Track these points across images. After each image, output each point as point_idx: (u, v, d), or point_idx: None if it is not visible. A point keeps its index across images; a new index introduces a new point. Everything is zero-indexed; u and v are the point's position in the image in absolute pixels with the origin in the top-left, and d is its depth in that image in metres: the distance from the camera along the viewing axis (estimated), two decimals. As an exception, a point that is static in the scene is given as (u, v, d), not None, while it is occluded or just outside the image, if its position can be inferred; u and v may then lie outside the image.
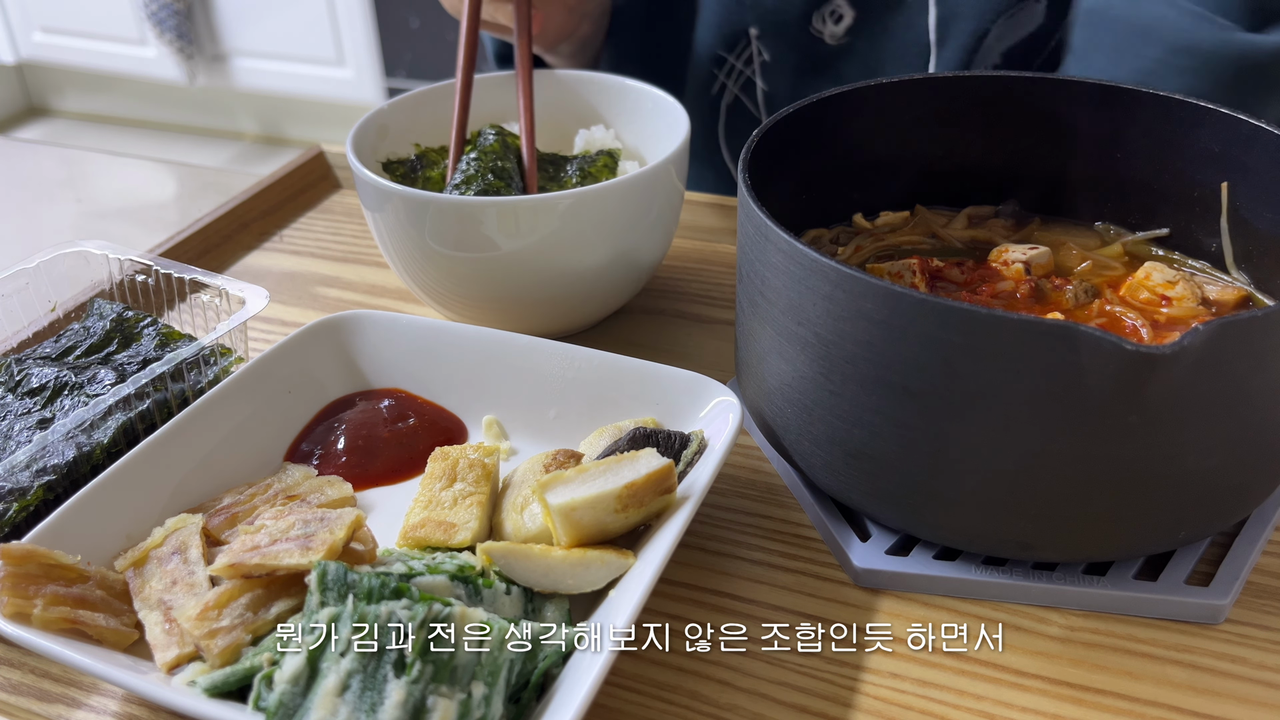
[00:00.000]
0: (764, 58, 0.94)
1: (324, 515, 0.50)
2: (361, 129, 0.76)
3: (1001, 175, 0.69)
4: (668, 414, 0.60)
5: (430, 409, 0.65)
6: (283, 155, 3.10)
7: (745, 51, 0.94)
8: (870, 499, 0.54)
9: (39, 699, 0.51)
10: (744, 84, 0.97)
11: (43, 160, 1.37)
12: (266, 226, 0.94)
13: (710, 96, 1.01)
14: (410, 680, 0.42)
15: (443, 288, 0.72)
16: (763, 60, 0.94)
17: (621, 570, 0.50)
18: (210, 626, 0.46)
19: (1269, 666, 0.49)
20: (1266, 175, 0.58)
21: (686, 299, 0.81)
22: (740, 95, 0.98)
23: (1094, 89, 0.64)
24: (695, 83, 1.01)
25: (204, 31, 3.18)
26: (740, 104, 0.99)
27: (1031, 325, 0.44)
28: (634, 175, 0.68)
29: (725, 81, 0.98)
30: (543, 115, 0.84)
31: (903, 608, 0.53)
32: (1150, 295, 0.61)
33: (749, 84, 0.97)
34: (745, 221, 0.56)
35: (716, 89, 0.99)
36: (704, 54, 0.99)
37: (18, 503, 0.56)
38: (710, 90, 1.01)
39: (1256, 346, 0.45)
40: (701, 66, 1.00)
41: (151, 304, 0.73)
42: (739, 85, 0.97)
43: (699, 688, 0.50)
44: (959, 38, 0.91)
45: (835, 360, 0.50)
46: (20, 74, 3.65)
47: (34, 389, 0.63)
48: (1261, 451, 0.50)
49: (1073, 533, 0.50)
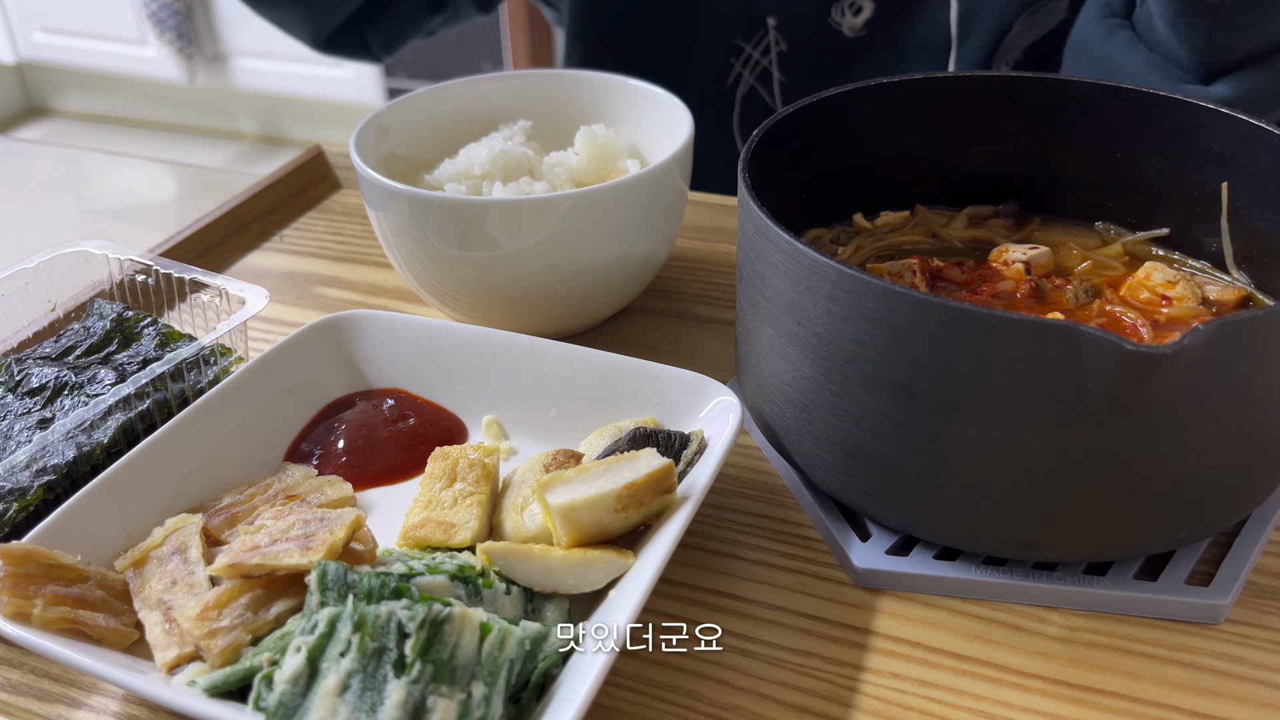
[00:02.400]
0: (781, 48, 0.94)
1: (324, 515, 0.50)
2: (363, 129, 0.76)
3: (1001, 175, 0.69)
4: (668, 414, 0.60)
5: (430, 409, 0.65)
6: (283, 155, 3.09)
7: (763, 41, 0.94)
8: (870, 499, 0.54)
9: (39, 699, 0.51)
10: (760, 74, 0.97)
11: (43, 160, 1.37)
12: (266, 226, 0.94)
13: (725, 86, 1.00)
14: (410, 680, 0.42)
15: (445, 287, 0.72)
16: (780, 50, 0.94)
17: (621, 570, 0.50)
18: (210, 626, 0.46)
19: (1269, 666, 0.49)
20: (1267, 175, 0.58)
21: (687, 299, 0.81)
22: (756, 85, 0.98)
23: (1095, 89, 0.64)
24: (710, 72, 1.01)
25: (204, 31, 3.18)
26: (756, 94, 0.99)
27: (1031, 325, 0.44)
28: (637, 175, 0.68)
29: (741, 71, 0.97)
30: (543, 115, 0.84)
31: (903, 608, 0.53)
32: (1150, 295, 0.61)
33: (765, 74, 0.97)
34: (745, 221, 0.56)
35: (732, 79, 0.99)
36: (720, 43, 0.99)
37: (18, 503, 0.56)
38: (725, 80, 1.00)
39: (1256, 346, 0.45)
40: (717, 56, 0.99)
41: (151, 304, 0.73)
42: (755, 75, 0.97)
43: (699, 688, 0.50)
44: (981, 33, 0.91)
45: (835, 360, 0.50)
46: (20, 74, 3.65)
47: (34, 389, 0.63)
48: (1261, 451, 0.50)
49: (1073, 533, 0.50)
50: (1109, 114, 0.64)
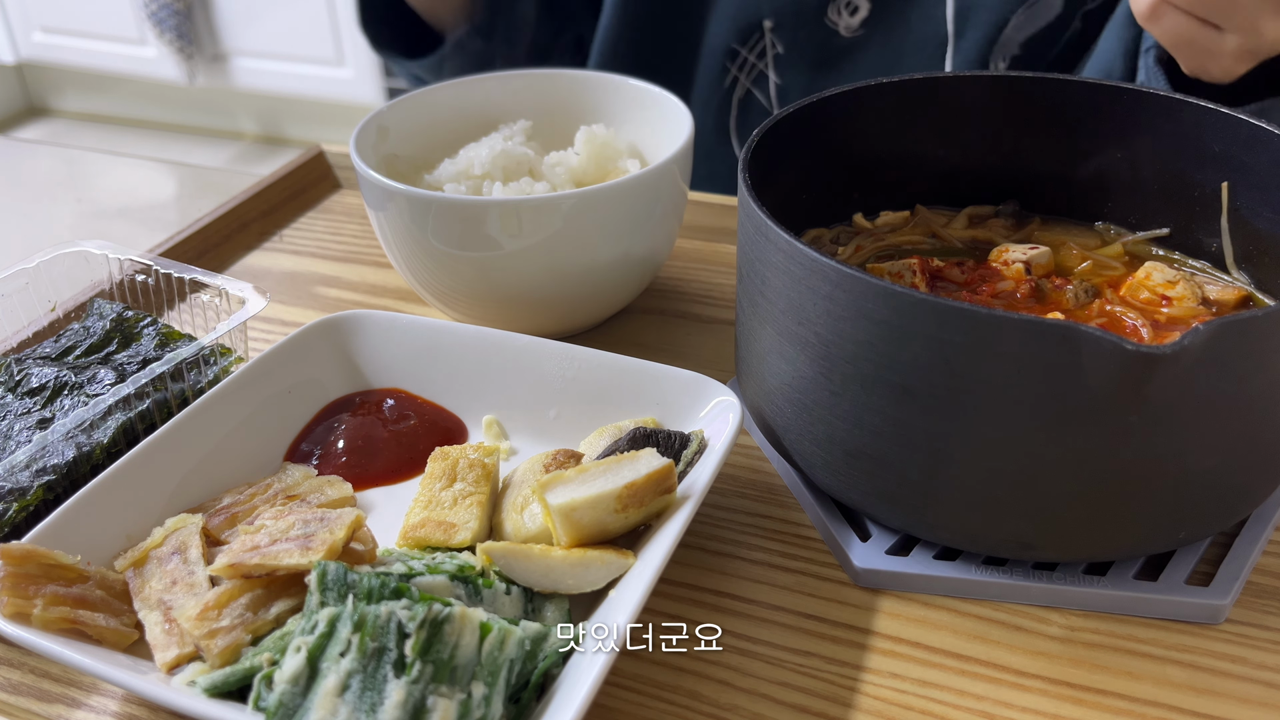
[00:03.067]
0: (777, 50, 0.94)
1: (324, 515, 0.50)
2: (363, 129, 0.76)
3: (1001, 175, 0.69)
4: (668, 414, 0.60)
5: (430, 409, 0.65)
6: (283, 155, 3.10)
7: (759, 44, 0.94)
8: (870, 499, 0.54)
9: (39, 699, 0.51)
10: (756, 77, 0.97)
11: (43, 160, 1.37)
12: (266, 226, 0.94)
13: (722, 90, 1.01)
14: (410, 680, 0.42)
15: (445, 287, 0.72)
16: (776, 53, 0.94)
17: (621, 570, 0.50)
18: (210, 626, 0.46)
19: (1269, 666, 0.49)
20: (1266, 175, 0.58)
21: (686, 299, 0.81)
22: (752, 88, 0.98)
23: (1095, 89, 0.64)
24: (707, 75, 1.01)
25: (204, 31, 3.18)
26: (752, 97, 0.99)
27: (1032, 325, 0.44)
28: (637, 175, 0.68)
29: (737, 75, 0.97)
30: (543, 115, 0.84)
31: (903, 608, 0.53)
32: (1150, 295, 0.61)
33: (761, 77, 0.97)
34: (745, 221, 0.56)
35: (728, 82, 0.99)
36: (717, 46, 0.99)
37: (18, 503, 0.56)
38: (722, 83, 1.00)
39: (1256, 346, 0.45)
40: (714, 59, 1.00)
41: (151, 304, 0.73)
42: (751, 78, 0.97)
43: (699, 688, 0.50)
44: (978, 29, 0.91)
45: (835, 360, 0.50)
46: (20, 74, 3.65)
47: (34, 389, 0.63)
48: (1261, 451, 0.50)
49: (1073, 533, 0.50)
50: (1109, 114, 0.64)
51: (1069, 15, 0.91)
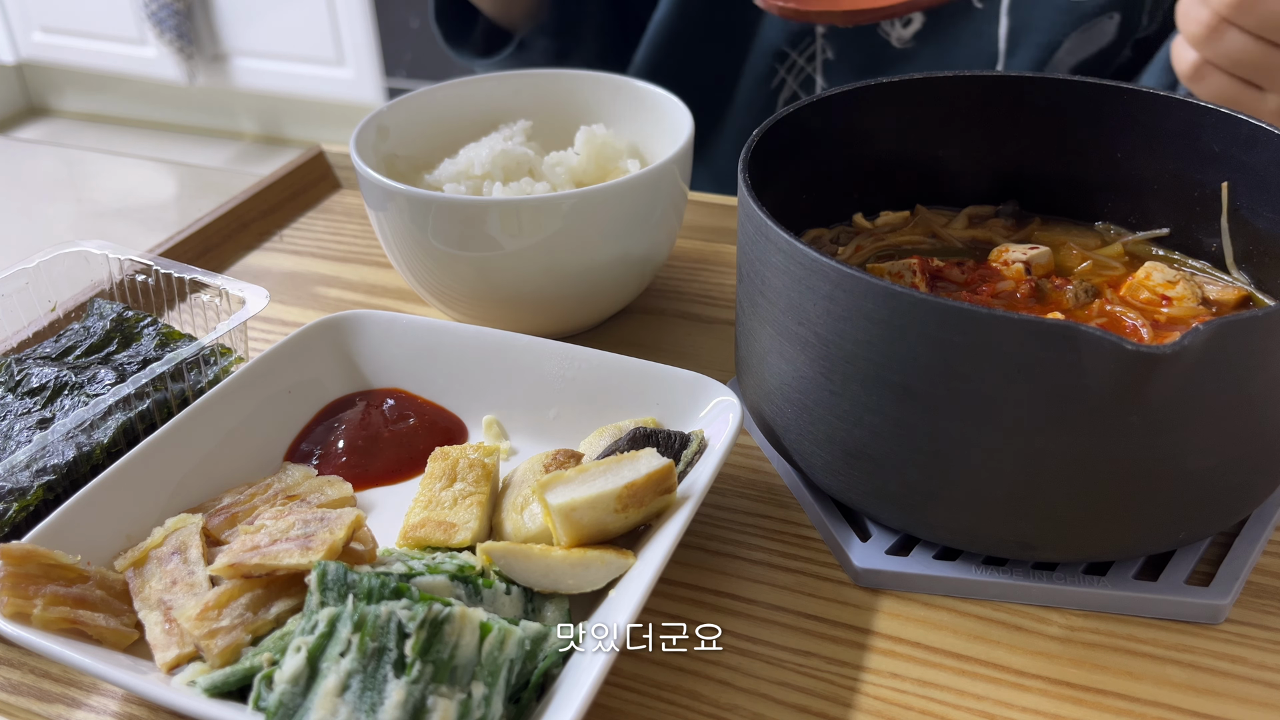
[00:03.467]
0: (827, 55, 0.94)
1: (324, 515, 0.50)
2: (363, 129, 0.76)
3: (1001, 175, 0.69)
4: (668, 414, 0.60)
5: (430, 409, 0.65)
6: (283, 155, 3.10)
7: (809, 48, 0.95)
8: (870, 499, 0.54)
9: (39, 699, 0.51)
10: (804, 80, 0.98)
11: (43, 160, 1.37)
12: (266, 226, 0.94)
13: (768, 91, 1.01)
14: (410, 680, 0.42)
15: (445, 287, 0.72)
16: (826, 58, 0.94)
17: (621, 570, 0.50)
18: (210, 626, 0.46)
19: (1269, 666, 0.49)
20: (1266, 175, 0.58)
21: (686, 299, 0.81)
22: (799, 91, 0.98)
23: (1095, 88, 0.64)
24: (753, 75, 1.01)
25: (204, 31, 3.18)
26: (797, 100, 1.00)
27: (1031, 325, 0.44)
28: (637, 175, 0.68)
29: (785, 76, 0.98)
30: (543, 115, 0.84)
31: (903, 608, 0.53)
32: (1150, 295, 0.61)
33: (808, 81, 0.98)
34: (745, 221, 0.56)
35: (775, 83, 1.00)
36: (768, 47, 0.99)
37: (18, 503, 0.56)
38: (769, 85, 1.01)
39: (1256, 346, 0.45)
40: (763, 60, 1.00)
41: (151, 304, 0.73)
42: (799, 81, 0.97)
43: (699, 688, 0.50)
44: (1030, 49, 0.91)
45: (835, 360, 0.50)
46: (20, 74, 3.65)
47: (34, 389, 0.63)
48: (1261, 452, 0.50)
49: (1073, 533, 0.50)
50: (1109, 114, 0.64)
51: (1122, 42, 0.91)
